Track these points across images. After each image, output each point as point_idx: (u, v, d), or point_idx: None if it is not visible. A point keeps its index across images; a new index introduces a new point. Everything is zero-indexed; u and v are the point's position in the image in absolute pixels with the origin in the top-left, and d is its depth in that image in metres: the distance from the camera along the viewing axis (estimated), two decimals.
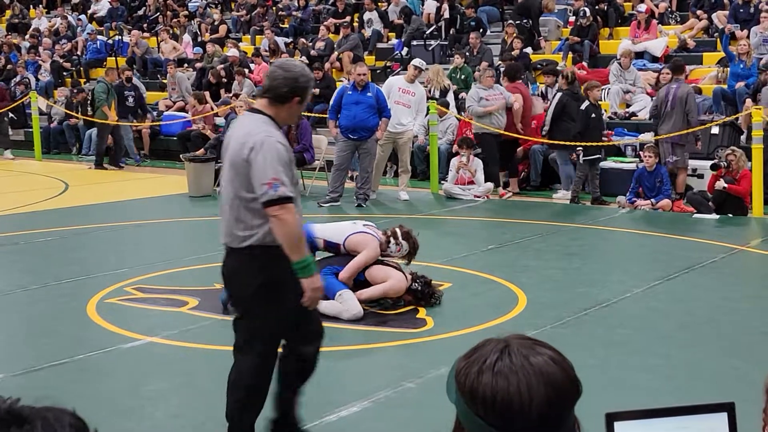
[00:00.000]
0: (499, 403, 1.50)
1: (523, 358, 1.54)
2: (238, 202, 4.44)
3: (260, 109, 4.55)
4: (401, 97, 13.54)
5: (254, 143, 4.34)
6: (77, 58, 24.08)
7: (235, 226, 4.48)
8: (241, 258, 4.52)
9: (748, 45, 14.88)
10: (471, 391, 1.54)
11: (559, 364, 1.56)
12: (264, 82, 4.59)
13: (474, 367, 1.56)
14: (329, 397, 5.51)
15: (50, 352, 6.45)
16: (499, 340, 1.60)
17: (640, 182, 12.37)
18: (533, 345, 1.59)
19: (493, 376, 1.52)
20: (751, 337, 6.68)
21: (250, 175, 4.35)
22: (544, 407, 1.50)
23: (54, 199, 14.03)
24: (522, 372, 1.52)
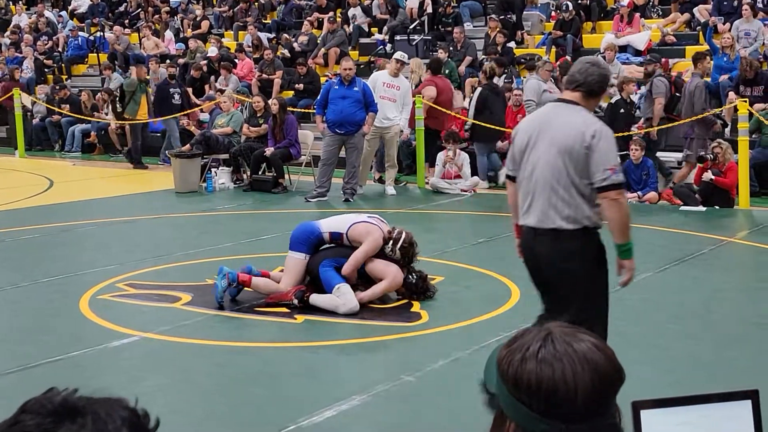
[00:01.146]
0: (545, 390, 1.50)
1: (567, 345, 1.54)
2: (569, 186, 4.59)
3: (574, 100, 4.72)
4: (386, 92, 13.53)
5: (595, 131, 4.55)
6: (58, 54, 23.92)
7: (564, 208, 4.62)
8: (574, 239, 4.66)
9: (731, 38, 14.97)
10: (515, 379, 1.53)
11: (602, 350, 1.56)
12: (573, 76, 4.73)
13: (517, 355, 1.55)
14: (329, 392, 5.51)
15: (45, 349, 6.41)
16: (540, 329, 1.59)
17: (626, 175, 12.41)
18: (575, 332, 1.58)
19: (538, 364, 1.52)
20: (745, 328, 6.74)
21: (588, 160, 4.53)
22: (590, 393, 1.50)
23: (39, 196, 13.95)
24: (567, 359, 1.52)
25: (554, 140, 4.60)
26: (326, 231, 7.47)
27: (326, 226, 7.54)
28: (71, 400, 1.25)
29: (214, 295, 7.31)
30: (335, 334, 6.77)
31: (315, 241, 7.44)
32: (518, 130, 4.86)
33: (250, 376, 5.87)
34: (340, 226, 7.50)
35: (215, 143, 14.70)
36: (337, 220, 7.64)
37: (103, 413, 1.23)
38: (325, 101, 12.80)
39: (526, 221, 4.78)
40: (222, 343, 6.56)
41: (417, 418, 5.19)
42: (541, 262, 4.78)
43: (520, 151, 4.78)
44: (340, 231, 7.44)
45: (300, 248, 7.43)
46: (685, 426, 1.80)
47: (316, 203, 12.70)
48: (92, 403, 1.24)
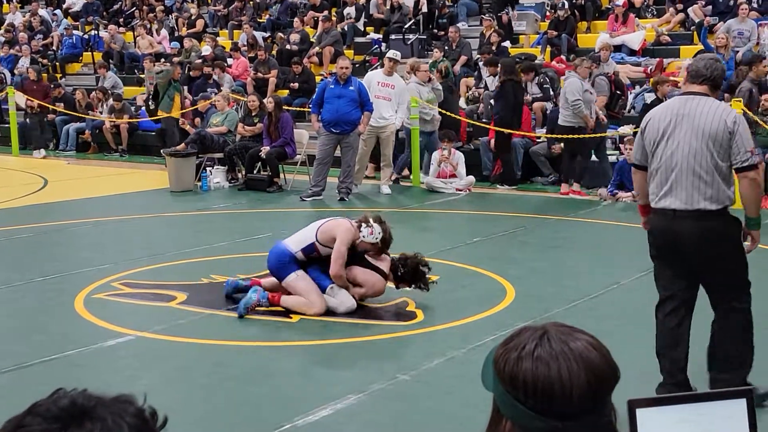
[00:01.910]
0: (541, 388, 1.53)
1: (563, 344, 1.57)
2: (711, 170, 5.04)
3: (703, 92, 5.14)
4: (381, 91, 13.53)
5: (735, 117, 5.04)
6: (53, 53, 23.89)
7: (706, 190, 5.05)
8: (722, 219, 5.11)
9: (725, 38, 14.99)
10: (511, 378, 1.55)
11: (598, 349, 1.59)
12: (699, 71, 5.16)
13: (513, 354, 1.57)
14: (324, 390, 5.52)
15: (40, 348, 6.41)
16: (537, 327, 1.62)
17: (621, 174, 12.45)
18: (571, 331, 1.62)
19: (534, 362, 1.55)
20: None
21: (731, 144, 5.00)
22: (585, 391, 1.53)
23: (33, 195, 13.93)
24: (562, 357, 1.55)
25: (697, 128, 5.05)
26: (297, 250, 7.19)
27: (294, 245, 7.23)
28: (79, 402, 1.23)
29: (238, 308, 7.13)
30: (330, 333, 6.77)
31: (289, 260, 7.18)
32: (649, 124, 5.24)
33: (246, 375, 5.88)
34: (307, 237, 7.24)
35: (210, 142, 14.68)
36: (302, 234, 7.33)
37: (110, 420, 1.21)
38: (321, 100, 12.80)
39: (665, 204, 5.17)
40: (217, 342, 6.57)
41: (412, 417, 5.20)
42: (682, 242, 5.15)
43: (654, 141, 5.18)
44: (310, 242, 7.20)
45: (284, 272, 7.17)
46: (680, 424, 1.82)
47: (311, 202, 12.71)
48: (100, 406, 1.22)
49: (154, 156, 17.19)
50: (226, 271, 8.50)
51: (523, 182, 14.13)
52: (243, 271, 8.50)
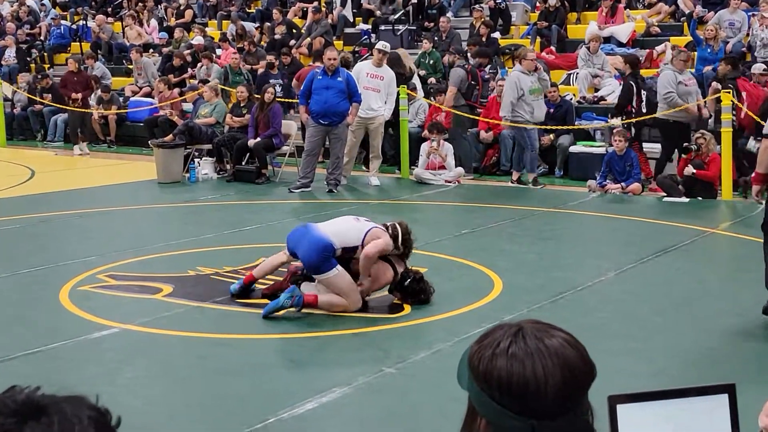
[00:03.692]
0: (515, 386, 1.49)
1: (538, 341, 1.53)
2: None
3: None
4: (370, 82, 13.47)
5: None
6: (41, 43, 23.75)
7: None
8: None
9: (714, 29, 14.97)
10: (485, 375, 1.52)
11: (573, 346, 1.55)
12: None
13: (487, 351, 1.54)
14: (310, 384, 5.48)
15: (23, 341, 6.35)
16: (512, 324, 1.59)
17: (610, 166, 12.43)
18: (547, 328, 1.58)
19: (508, 360, 1.51)
20: (726, 319, 6.74)
21: None
22: (560, 389, 1.49)
23: (20, 186, 13.85)
24: (537, 355, 1.51)
25: None
26: (339, 247, 6.94)
27: (338, 241, 6.92)
28: (35, 398, 1.21)
29: (266, 308, 6.85)
30: (317, 326, 6.73)
31: (332, 254, 6.89)
32: None
33: (231, 368, 5.83)
34: (352, 239, 6.97)
35: (198, 133, 14.61)
36: (346, 233, 7.03)
37: (69, 412, 1.19)
38: (309, 91, 12.74)
39: None
40: (203, 335, 6.52)
41: (398, 409, 5.17)
42: None
43: None
44: (354, 245, 6.99)
45: (326, 267, 6.84)
46: (662, 420, 1.79)
47: (299, 194, 12.66)
48: (57, 402, 1.20)
49: (142, 147, 17.12)
50: (213, 264, 8.46)
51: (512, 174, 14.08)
52: (230, 262, 8.47)
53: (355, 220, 7.27)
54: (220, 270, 8.24)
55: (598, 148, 13.58)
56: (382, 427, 4.96)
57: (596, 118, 14.46)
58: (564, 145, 13.84)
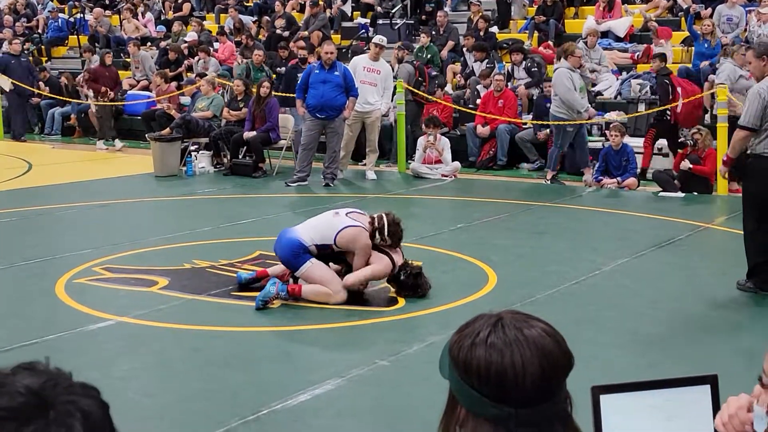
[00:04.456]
0: (494, 374, 1.53)
1: (517, 331, 1.57)
2: None
3: None
4: (366, 76, 13.49)
5: None
6: (38, 36, 23.73)
7: None
8: None
9: (712, 24, 14.98)
10: (465, 364, 1.56)
11: (551, 336, 1.59)
12: None
13: (467, 341, 1.58)
14: (303, 376, 5.51)
15: (20, 333, 6.38)
16: (492, 315, 1.62)
17: (606, 161, 12.46)
18: (526, 318, 1.61)
19: (487, 349, 1.54)
20: (719, 313, 6.78)
21: None
22: (538, 378, 1.53)
23: (18, 179, 13.86)
24: (516, 344, 1.55)
25: None
26: (311, 244, 7.04)
27: (308, 237, 7.05)
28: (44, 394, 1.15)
29: (256, 301, 6.93)
30: (310, 318, 6.76)
31: (302, 251, 7.03)
32: None
33: (225, 360, 5.86)
34: (325, 236, 7.06)
35: (195, 127, 14.63)
36: (319, 230, 7.12)
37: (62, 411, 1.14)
38: (306, 85, 12.75)
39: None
40: (198, 328, 6.55)
41: (391, 402, 5.20)
42: None
43: None
44: (327, 243, 7.06)
45: (298, 262, 7.02)
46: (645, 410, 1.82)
47: (296, 188, 12.68)
48: (55, 399, 1.15)
49: (139, 140, 17.12)
50: (209, 257, 8.48)
51: (509, 168, 14.13)
52: (226, 256, 8.50)
53: (333, 215, 7.29)
54: (216, 263, 8.26)
55: (594, 143, 13.59)
56: (375, 419, 4.99)
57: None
58: None
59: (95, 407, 1.18)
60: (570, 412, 1.59)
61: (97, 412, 1.18)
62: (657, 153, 13.05)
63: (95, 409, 1.18)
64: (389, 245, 7.22)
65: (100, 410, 1.18)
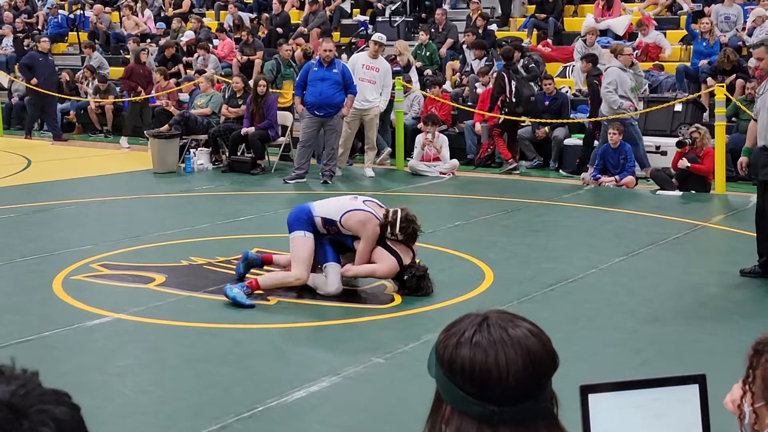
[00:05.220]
0: (478, 373, 1.54)
1: (502, 331, 1.58)
2: None
3: None
4: (365, 74, 13.49)
5: None
6: (38, 32, 23.71)
7: None
8: None
9: (710, 23, 14.98)
10: (450, 363, 1.58)
11: (537, 336, 1.60)
12: None
13: (452, 340, 1.59)
14: (298, 373, 5.52)
15: (16, 330, 6.40)
16: (478, 314, 1.64)
17: (604, 159, 12.46)
18: (512, 318, 1.63)
19: (472, 348, 1.56)
20: (715, 312, 6.79)
21: None
22: (522, 378, 1.54)
23: (17, 175, 13.87)
24: (500, 344, 1.56)
25: None
26: (318, 215, 7.14)
27: (319, 209, 7.18)
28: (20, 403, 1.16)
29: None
30: (306, 315, 6.78)
31: (306, 219, 7.13)
32: None
33: (221, 357, 5.88)
34: (333, 212, 7.15)
35: (194, 124, 14.63)
36: (331, 206, 7.26)
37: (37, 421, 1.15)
38: (304, 83, 12.75)
39: None
40: (194, 324, 6.56)
41: (386, 399, 5.21)
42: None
43: None
44: (332, 218, 7.13)
45: (296, 227, 7.15)
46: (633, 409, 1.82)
47: (294, 185, 12.68)
48: (28, 408, 1.15)
49: (138, 137, 17.12)
50: (206, 254, 8.49)
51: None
52: (223, 253, 8.50)
53: (351, 198, 7.43)
54: (213, 260, 8.28)
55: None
56: (369, 417, 5.00)
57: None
58: (559, 138, 13.86)
59: (68, 414, 1.18)
60: (555, 412, 1.61)
61: (69, 419, 1.18)
62: (653, 151, 13.06)
63: (68, 416, 1.18)
64: (401, 241, 7.21)
65: (72, 417, 1.19)
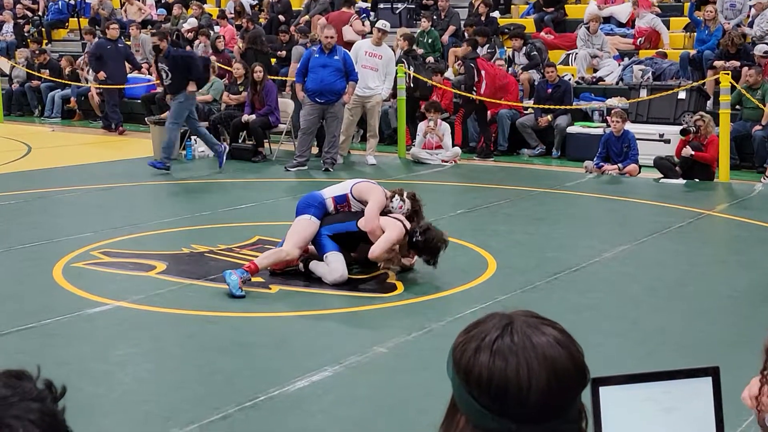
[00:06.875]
0: (495, 385, 1.39)
1: (526, 338, 1.42)
2: None
3: None
4: (368, 61, 13.42)
5: None
6: (39, 19, 23.64)
7: None
8: None
9: (714, 11, 14.89)
10: (466, 369, 1.42)
11: (564, 347, 1.43)
12: None
13: (472, 344, 1.44)
14: (300, 362, 5.48)
15: (17, 317, 6.35)
16: (504, 315, 1.47)
17: (607, 147, 12.40)
18: (539, 324, 1.46)
19: (491, 356, 1.40)
20: (719, 301, 6.74)
21: None
22: (544, 394, 1.39)
23: (17, 162, 13.82)
24: (522, 353, 1.40)
25: None
26: (329, 196, 7.46)
27: (328, 191, 7.54)
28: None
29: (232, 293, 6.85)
30: (308, 304, 6.74)
31: (317, 204, 7.36)
32: None
33: (222, 346, 5.84)
34: (342, 188, 7.55)
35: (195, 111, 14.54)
36: (339, 185, 7.66)
37: (17, 426, 1.12)
38: (305, 70, 12.68)
39: None
40: (195, 313, 6.52)
41: (388, 389, 5.17)
42: None
43: None
44: (344, 192, 7.47)
45: (305, 211, 7.34)
46: (645, 403, 1.78)
47: (295, 172, 12.63)
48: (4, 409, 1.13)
49: (139, 124, 17.06)
50: (207, 241, 8.45)
51: (510, 154, 14.08)
52: (225, 240, 8.45)
53: (355, 178, 7.91)
54: (215, 248, 8.23)
55: (595, 129, 13.54)
56: (371, 406, 4.96)
57: (594, 99, 14.43)
58: (561, 126, 13.80)
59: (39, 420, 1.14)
60: (584, 428, 1.46)
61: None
62: (657, 139, 12.99)
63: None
64: (405, 214, 7.41)
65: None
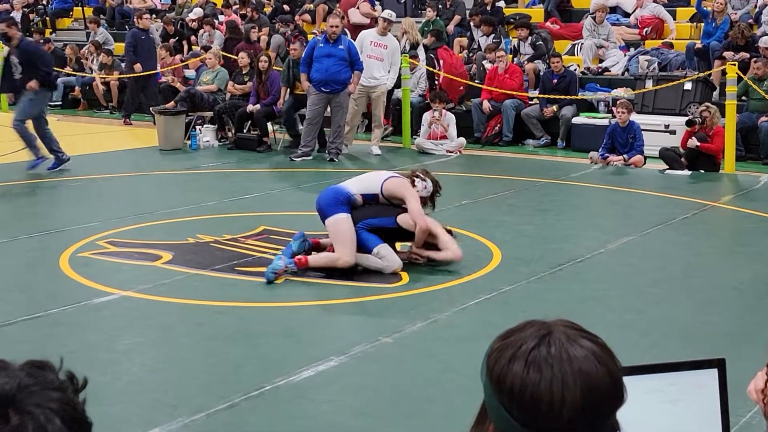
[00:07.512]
0: (527, 399, 1.35)
1: (563, 350, 1.37)
2: None
3: None
4: (373, 51, 13.41)
5: None
6: (43, 8, 23.63)
7: None
8: None
9: (723, 3, 14.83)
10: (499, 378, 1.38)
11: (602, 362, 1.37)
12: None
13: (507, 351, 1.39)
14: (306, 352, 5.50)
15: (23, 307, 6.38)
16: (543, 324, 1.42)
17: (612, 138, 12.39)
18: (578, 336, 1.40)
19: (526, 366, 1.36)
20: (724, 292, 6.75)
21: None
22: (578, 410, 1.33)
23: (22, 152, 13.80)
24: (558, 366, 1.35)
25: None
26: (357, 193, 7.32)
27: (355, 188, 7.36)
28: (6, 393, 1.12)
29: (266, 274, 6.90)
30: (314, 294, 6.76)
31: (344, 200, 7.25)
32: None
33: (228, 335, 5.86)
34: (371, 187, 7.38)
35: (200, 100, 14.57)
36: (366, 182, 7.48)
37: (41, 414, 1.11)
38: (310, 59, 12.67)
39: None
40: (201, 303, 6.54)
41: (394, 379, 5.18)
42: None
43: None
44: (374, 192, 7.35)
45: (336, 210, 7.19)
46: (651, 394, 1.79)
47: (300, 162, 12.63)
48: (22, 392, 1.12)
49: (144, 114, 17.06)
50: (212, 231, 8.46)
51: (514, 144, 14.08)
52: (230, 230, 8.47)
53: (376, 172, 7.79)
54: (220, 238, 8.25)
55: (601, 120, 13.52)
56: (377, 396, 4.98)
57: (600, 89, 14.41)
58: (567, 117, 13.78)
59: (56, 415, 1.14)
60: None
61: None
62: (662, 130, 12.98)
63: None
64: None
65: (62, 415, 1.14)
